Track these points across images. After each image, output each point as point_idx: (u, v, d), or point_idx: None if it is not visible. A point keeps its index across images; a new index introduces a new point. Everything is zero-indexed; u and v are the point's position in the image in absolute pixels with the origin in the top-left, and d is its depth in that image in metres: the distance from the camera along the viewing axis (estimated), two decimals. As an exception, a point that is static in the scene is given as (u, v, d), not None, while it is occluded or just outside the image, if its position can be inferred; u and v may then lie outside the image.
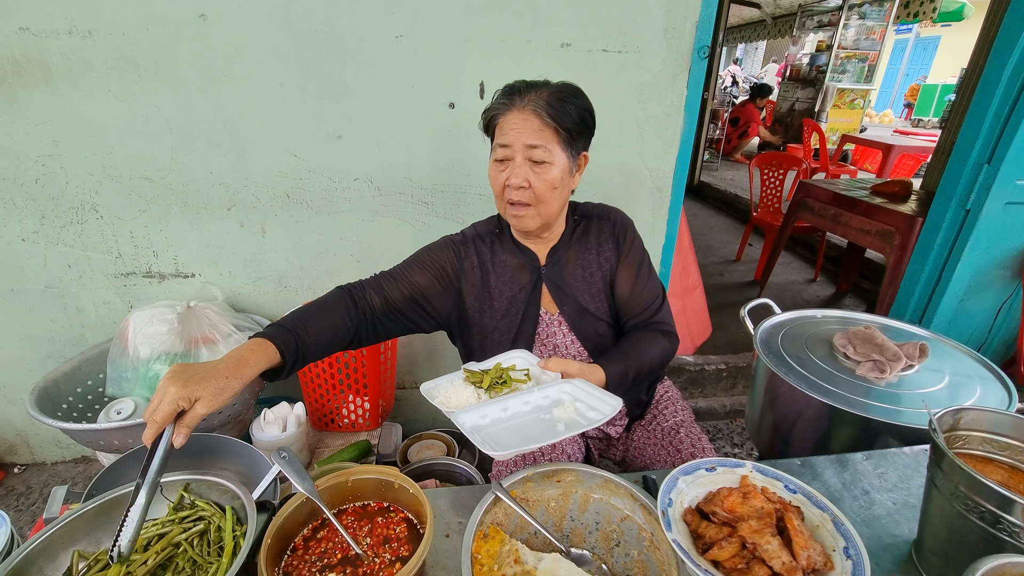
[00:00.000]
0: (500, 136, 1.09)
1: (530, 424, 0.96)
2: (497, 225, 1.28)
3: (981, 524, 0.73)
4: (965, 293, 2.28)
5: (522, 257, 1.24)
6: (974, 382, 1.35)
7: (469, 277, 1.23)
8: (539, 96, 1.06)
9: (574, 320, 1.26)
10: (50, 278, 1.77)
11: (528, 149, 1.06)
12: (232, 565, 0.75)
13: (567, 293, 1.25)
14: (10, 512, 1.90)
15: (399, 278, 1.18)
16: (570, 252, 1.26)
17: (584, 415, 0.96)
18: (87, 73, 1.53)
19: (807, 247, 4.68)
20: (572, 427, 0.93)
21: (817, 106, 8.21)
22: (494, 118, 1.10)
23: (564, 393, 1.01)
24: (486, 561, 0.82)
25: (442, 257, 1.22)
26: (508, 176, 1.09)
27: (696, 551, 0.75)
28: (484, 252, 1.24)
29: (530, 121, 1.05)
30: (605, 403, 0.96)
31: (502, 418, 0.97)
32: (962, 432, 0.89)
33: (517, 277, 1.24)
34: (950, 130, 2.84)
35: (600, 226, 1.27)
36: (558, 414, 0.97)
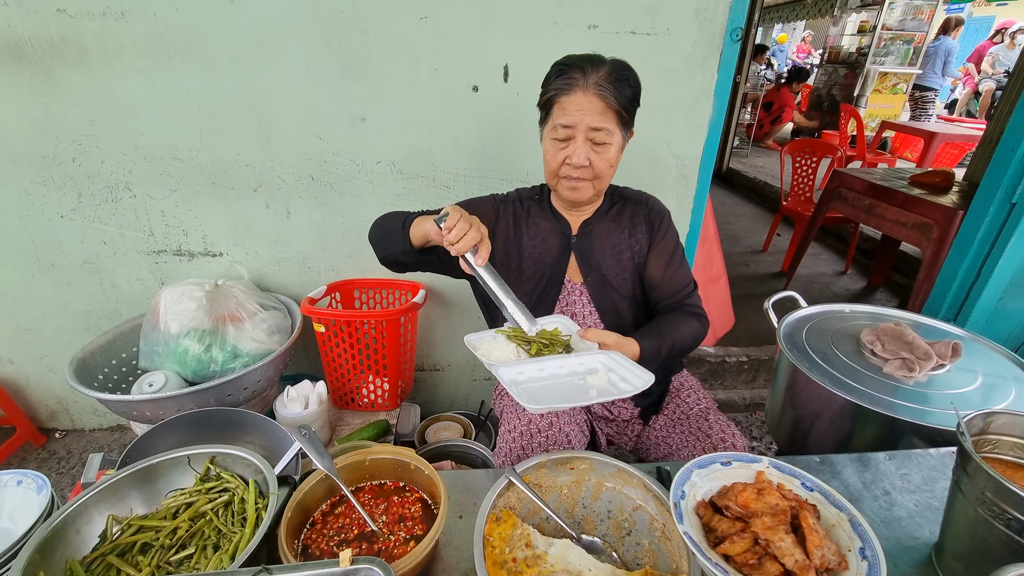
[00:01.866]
0: (562, 115, 1.10)
1: (564, 386, 0.99)
2: (538, 192, 1.33)
3: (1007, 531, 0.71)
4: (1006, 291, 2.18)
5: (555, 223, 1.29)
6: (1009, 384, 1.30)
7: (502, 233, 1.28)
8: (600, 76, 1.07)
9: (596, 291, 1.30)
10: (87, 254, 1.83)
11: (591, 131, 1.09)
12: (254, 536, 0.78)
13: (592, 265, 1.29)
14: (52, 475, 2.03)
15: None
16: (602, 227, 1.30)
17: (616, 385, 0.98)
18: (120, 54, 1.56)
19: (838, 238, 4.53)
20: (603, 394, 0.96)
21: (856, 90, 7.87)
22: (556, 95, 1.11)
23: (599, 363, 1.03)
24: (498, 544, 0.83)
25: (480, 209, 1.26)
26: (569, 155, 1.12)
27: (708, 545, 0.75)
28: (520, 214, 1.29)
29: (594, 103, 1.07)
30: (638, 376, 0.98)
31: (538, 377, 1.00)
32: (992, 436, 0.86)
33: (548, 242, 1.28)
34: (999, 119, 2.69)
35: (636, 209, 1.32)
36: (591, 381, 0.99)
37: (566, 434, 1.21)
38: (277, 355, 1.60)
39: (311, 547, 0.84)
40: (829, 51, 8.58)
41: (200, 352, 1.58)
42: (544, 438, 1.18)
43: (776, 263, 4.09)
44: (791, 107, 7.85)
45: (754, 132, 7.82)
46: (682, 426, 1.32)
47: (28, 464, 2.07)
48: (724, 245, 4.45)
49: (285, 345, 1.64)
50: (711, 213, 2.34)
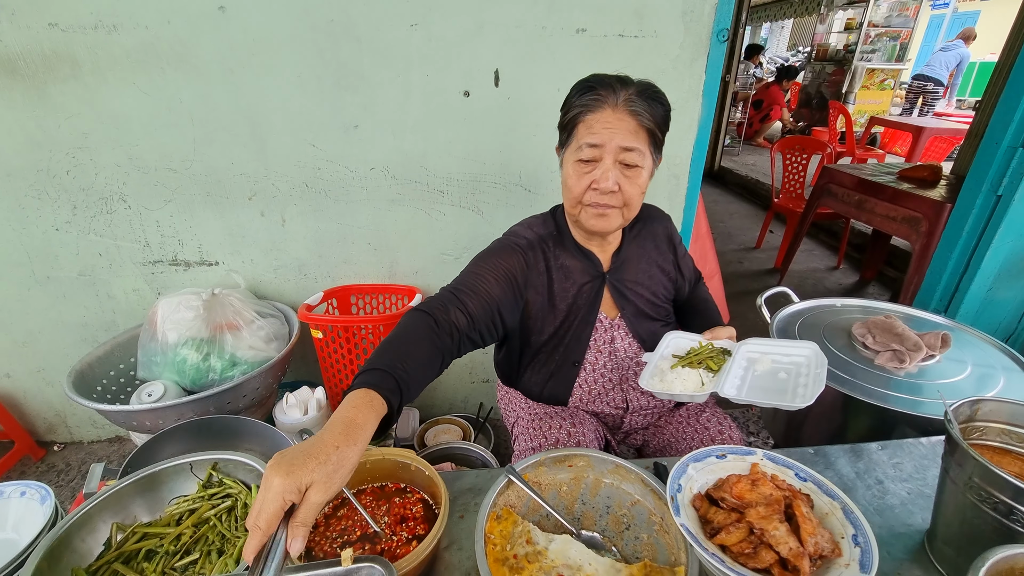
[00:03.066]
0: (588, 134, 1.00)
1: (761, 381, 1.04)
2: (555, 227, 1.19)
3: (994, 515, 0.73)
4: (994, 282, 2.21)
5: (584, 261, 1.18)
6: (998, 373, 1.33)
7: (535, 284, 1.15)
8: (630, 92, 1.00)
9: (633, 323, 1.24)
10: (82, 266, 1.84)
11: (621, 152, 1.00)
12: (257, 540, 0.79)
13: (628, 298, 1.22)
14: (52, 487, 2.02)
15: (478, 291, 1.07)
16: (630, 254, 1.23)
17: (791, 363, 1.05)
18: (113, 67, 1.57)
19: (830, 234, 4.57)
20: (801, 378, 1.01)
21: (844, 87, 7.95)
22: (581, 114, 1.01)
23: (750, 353, 1.09)
24: (499, 541, 0.84)
25: (512, 265, 1.12)
26: (595, 178, 1.01)
27: (704, 536, 0.76)
28: (548, 257, 1.16)
29: (625, 121, 0.99)
30: (795, 348, 1.06)
31: (742, 384, 1.03)
32: (979, 423, 0.88)
33: (579, 282, 1.18)
34: (984, 112, 2.74)
35: (654, 228, 1.27)
36: (763, 368, 1.05)
37: (585, 446, 1.21)
38: (275, 362, 1.61)
39: (314, 549, 0.84)
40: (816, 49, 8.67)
41: (198, 361, 1.59)
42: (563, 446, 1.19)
43: (769, 260, 4.13)
44: (780, 105, 7.92)
45: (744, 130, 7.88)
46: (680, 419, 1.34)
47: (27, 477, 2.05)
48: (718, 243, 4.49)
49: (283, 352, 1.65)
50: (703, 212, 2.37)
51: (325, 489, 0.65)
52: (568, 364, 1.23)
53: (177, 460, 0.95)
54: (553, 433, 1.19)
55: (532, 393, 1.31)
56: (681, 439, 1.30)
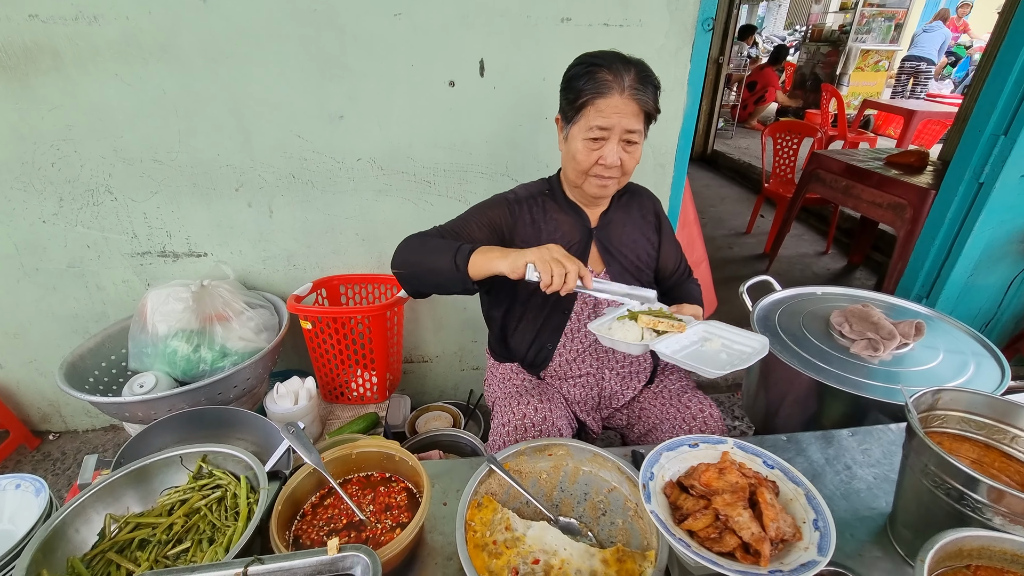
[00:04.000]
0: (598, 117, 1.11)
1: (702, 354, 1.08)
2: (547, 186, 1.34)
3: (947, 500, 0.77)
4: (975, 268, 2.25)
5: (574, 216, 1.31)
6: (968, 359, 1.37)
7: (522, 234, 1.28)
8: (632, 78, 1.11)
9: (617, 278, 1.34)
10: (71, 258, 1.84)
11: (625, 132, 1.13)
12: (246, 529, 0.82)
13: (613, 255, 1.34)
14: (48, 476, 2.06)
15: (462, 235, 1.22)
16: (617, 217, 1.36)
17: (738, 352, 1.08)
18: (94, 58, 1.55)
19: (820, 218, 4.60)
20: (734, 359, 1.05)
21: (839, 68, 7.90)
22: (593, 98, 1.11)
23: (706, 332, 1.14)
24: (479, 528, 0.88)
25: (496, 214, 1.27)
26: (602, 155, 1.15)
27: (673, 521, 0.80)
28: (536, 210, 1.30)
29: (630, 106, 1.11)
30: (749, 338, 1.09)
31: (679, 349, 1.08)
32: (940, 412, 0.92)
33: (568, 235, 1.31)
34: (972, 97, 2.75)
35: (641, 201, 1.41)
36: (711, 348, 1.09)
37: (558, 428, 1.25)
38: (265, 353, 1.63)
39: (302, 537, 0.88)
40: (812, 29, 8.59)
41: (189, 352, 1.60)
42: (537, 432, 1.23)
43: (759, 245, 4.16)
44: (775, 86, 7.87)
45: (738, 113, 7.84)
46: (663, 401, 1.37)
47: (23, 467, 2.10)
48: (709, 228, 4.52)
49: (273, 343, 1.67)
50: (690, 199, 2.38)
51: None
52: (558, 312, 1.33)
53: (167, 453, 0.97)
54: (521, 408, 1.25)
55: (520, 352, 1.39)
56: (664, 420, 1.34)
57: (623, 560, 0.83)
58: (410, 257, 1.17)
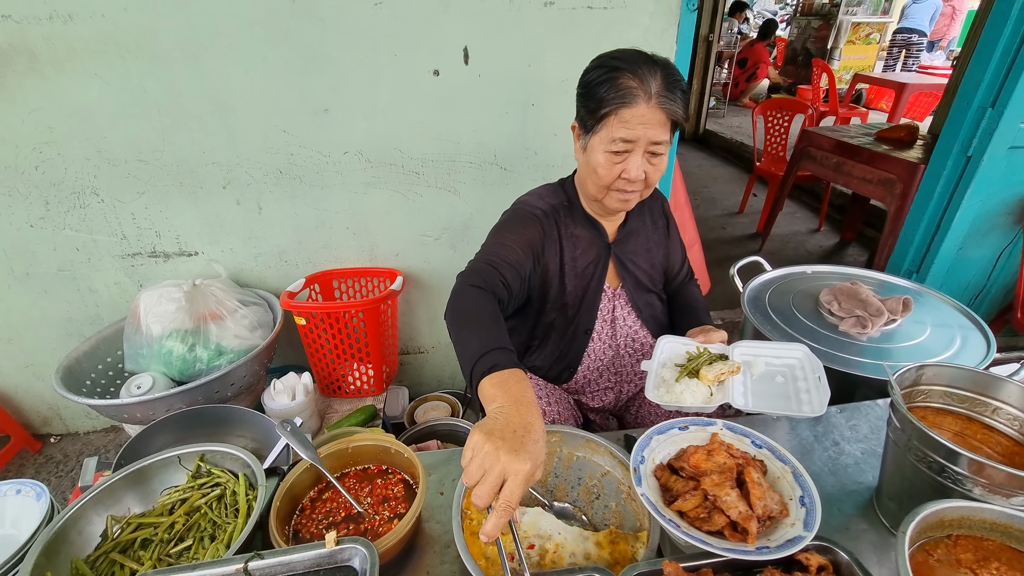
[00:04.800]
0: (622, 129, 1.00)
1: (761, 386, 1.08)
2: (566, 198, 1.24)
3: (930, 473, 0.79)
4: (964, 241, 2.27)
5: (592, 231, 1.23)
6: (955, 334, 1.39)
7: (549, 252, 1.20)
8: (659, 84, 0.99)
9: (633, 294, 1.30)
10: (61, 261, 1.83)
11: (651, 144, 1.02)
12: (246, 525, 0.84)
13: (629, 269, 1.29)
14: (51, 479, 2.07)
15: (511, 263, 1.10)
16: (633, 227, 1.29)
17: (784, 364, 1.11)
18: (72, 58, 1.53)
19: (813, 195, 4.60)
20: (791, 380, 1.08)
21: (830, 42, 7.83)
22: (617, 108, 0.99)
23: (743, 355, 1.12)
24: (475, 515, 0.90)
25: (533, 234, 1.17)
26: (625, 169, 1.04)
27: (664, 503, 0.82)
28: (561, 226, 1.21)
29: (657, 115, 1.00)
30: (786, 350, 1.12)
31: (746, 391, 1.06)
32: (924, 387, 0.94)
33: (588, 251, 1.23)
34: (960, 69, 2.74)
35: (652, 205, 1.33)
36: (757, 371, 1.09)
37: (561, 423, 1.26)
38: (260, 350, 1.64)
39: (301, 531, 0.90)
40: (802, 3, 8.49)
41: (184, 352, 1.61)
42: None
43: (752, 224, 4.16)
44: (766, 63, 7.80)
45: (730, 91, 7.78)
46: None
47: (26, 470, 2.11)
48: (701, 209, 4.52)
49: (268, 339, 1.68)
50: (680, 181, 2.38)
51: (541, 472, 0.71)
52: (580, 333, 1.28)
53: (165, 454, 0.98)
54: None
55: (541, 370, 1.35)
56: (652, 408, 1.36)
57: (616, 542, 0.85)
58: (451, 320, 0.98)
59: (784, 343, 1.14)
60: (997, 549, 0.72)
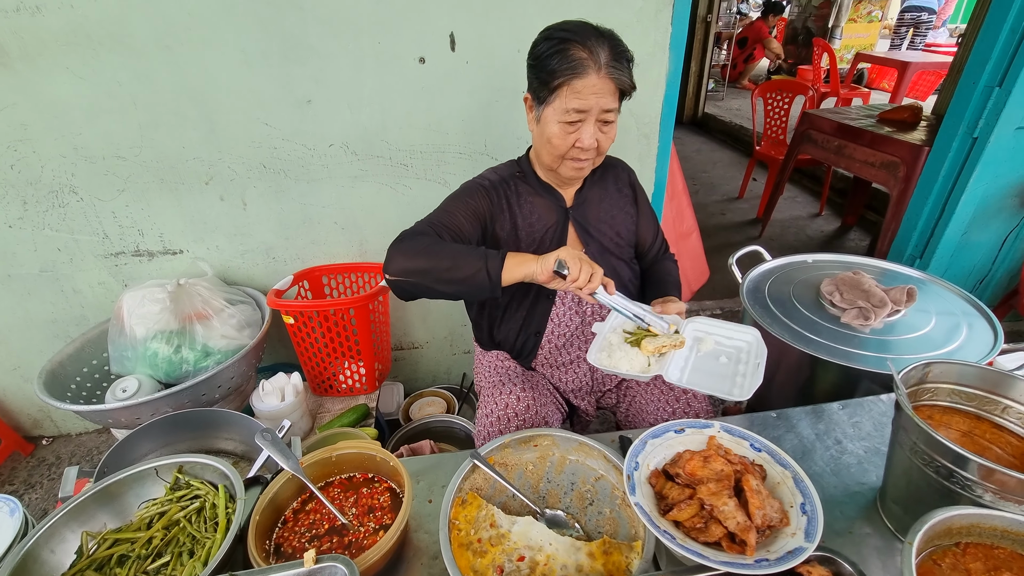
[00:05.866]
0: (575, 99, 1.04)
1: (704, 363, 1.06)
2: (518, 168, 1.28)
3: (936, 477, 0.75)
4: (969, 225, 2.21)
5: (548, 197, 1.26)
6: (961, 323, 1.35)
7: (499, 219, 1.23)
8: (607, 54, 1.03)
9: (597, 259, 1.29)
10: (43, 262, 1.79)
11: (603, 112, 1.07)
12: (224, 539, 0.80)
13: (591, 234, 1.30)
14: (44, 481, 2.05)
15: (450, 226, 1.15)
16: (592, 194, 1.31)
17: (733, 346, 1.10)
18: (42, 51, 1.47)
19: (814, 179, 4.53)
20: (734, 361, 1.06)
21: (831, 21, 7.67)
22: (568, 79, 1.03)
23: (696, 332, 1.12)
24: (464, 526, 0.87)
25: (478, 203, 1.21)
26: (579, 138, 1.09)
27: (659, 512, 0.78)
28: (511, 194, 1.25)
29: (607, 84, 1.05)
30: (739, 332, 1.10)
31: (684, 366, 1.05)
32: (930, 385, 0.90)
33: (544, 217, 1.26)
34: (966, 47, 2.65)
35: (615, 173, 1.35)
36: (706, 349, 1.09)
37: (543, 416, 1.23)
38: (249, 350, 1.60)
39: (283, 545, 0.86)
40: (803, -19, 8.28)
41: (170, 354, 1.57)
42: (521, 421, 1.21)
43: (752, 209, 4.10)
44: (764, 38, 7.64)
45: (729, 72, 7.65)
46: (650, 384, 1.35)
47: (18, 473, 2.09)
48: (701, 194, 4.45)
49: (256, 339, 1.64)
50: (678, 168, 2.32)
51: None
52: (543, 299, 1.29)
53: (142, 466, 0.95)
54: (504, 398, 1.23)
55: (508, 343, 1.36)
56: (650, 401, 1.33)
57: (609, 552, 0.81)
58: (420, 263, 1.04)
59: (739, 325, 1.12)
60: (1008, 558, 0.69)
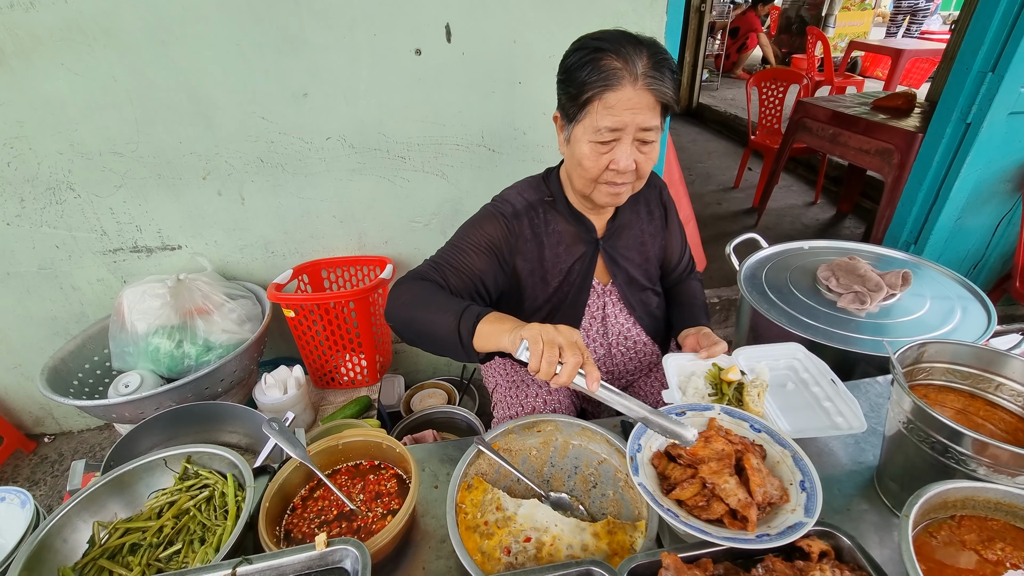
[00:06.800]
0: (609, 117, 0.92)
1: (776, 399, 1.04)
2: (548, 192, 1.16)
3: (932, 453, 0.77)
4: (963, 211, 2.23)
5: (578, 227, 1.16)
6: (955, 306, 1.37)
7: (523, 252, 1.14)
8: (645, 64, 0.91)
9: (624, 291, 1.24)
10: (41, 260, 1.79)
11: (640, 131, 0.95)
12: (235, 527, 0.82)
13: (620, 265, 1.22)
14: (47, 478, 2.06)
15: (458, 267, 1.07)
16: (625, 220, 1.21)
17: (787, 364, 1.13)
18: (37, 48, 1.46)
19: (809, 168, 4.55)
20: (797, 382, 1.08)
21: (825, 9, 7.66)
22: (600, 92, 0.91)
23: (749, 364, 1.10)
24: (470, 510, 0.88)
25: (495, 235, 1.11)
26: (613, 159, 0.97)
27: (662, 491, 0.80)
28: (537, 224, 1.13)
29: (645, 98, 0.92)
30: (779, 349, 1.13)
31: (779, 413, 1.00)
32: (925, 364, 0.92)
33: (573, 248, 1.16)
34: (959, 33, 2.67)
35: (648, 193, 1.24)
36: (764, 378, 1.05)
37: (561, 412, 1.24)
38: (250, 343, 1.61)
39: (293, 531, 0.88)
40: (796, -31, 8.26)
41: (172, 348, 1.58)
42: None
43: (748, 199, 4.11)
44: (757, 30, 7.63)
45: (723, 62, 7.64)
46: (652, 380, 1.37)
47: (21, 471, 2.10)
48: (697, 184, 4.46)
49: (257, 332, 1.65)
50: (674, 158, 2.33)
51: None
52: (571, 322, 1.23)
53: (150, 457, 0.96)
54: (530, 401, 1.22)
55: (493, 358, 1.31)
56: (651, 386, 1.34)
57: (614, 532, 0.83)
58: (405, 313, 0.98)
59: (779, 345, 1.11)
60: (1002, 529, 0.71)
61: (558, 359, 0.77)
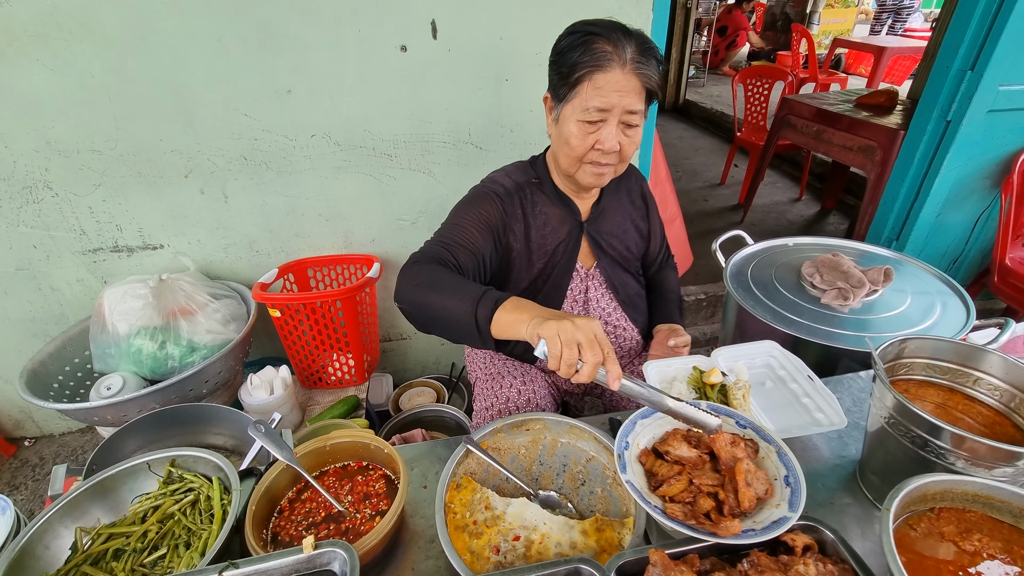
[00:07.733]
0: (597, 97, 0.97)
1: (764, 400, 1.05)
2: (535, 175, 1.20)
3: (913, 447, 0.78)
4: (943, 207, 2.27)
5: (564, 209, 1.20)
6: (935, 301, 1.39)
7: (514, 231, 1.17)
8: (633, 50, 0.97)
9: (608, 274, 1.27)
10: (18, 260, 1.74)
11: (626, 114, 1.00)
12: (221, 531, 0.81)
13: (604, 249, 1.26)
14: (28, 482, 2.02)
15: (465, 245, 1.08)
16: (608, 205, 1.25)
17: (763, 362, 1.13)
18: (11, 43, 1.42)
19: (794, 165, 4.60)
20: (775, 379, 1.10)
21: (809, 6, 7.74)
22: (590, 72, 0.96)
23: (727, 364, 1.10)
24: (459, 509, 0.88)
25: (492, 214, 1.13)
26: (599, 139, 1.02)
27: (649, 489, 0.81)
28: (526, 203, 1.17)
29: (632, 82, 0.97)
30: (754, 347, 1.13)
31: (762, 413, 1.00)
32: (906, 360, 0.93)
33: (557, 230, 1.20)
34: (939, 31, 2.71)
35: (629, 184, 1.30)
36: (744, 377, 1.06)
37: (542, 409, 1.25)
38: (235, 344, 1.59)
39: (280, 534, 0.87)
40: (781, -34, 8.33)
41: (155, 350, 1.55)
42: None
43: (734, 195, 4.15)
44: (746, 28, 7.70)
45: (710, 59, 7.69)
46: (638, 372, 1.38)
47: (1, 475, 2.05)
48: (683, 181, 4.49)
49: (242, 333, 1.63)
50: (661, 155, 2.34)
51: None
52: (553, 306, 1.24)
53: (133, 461, 0.94)
54: (504, 392, 1.23)
55: (507, 346, 1.34)
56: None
57: (602, 529, 0.84)
58: (417, 297, 0.95)
59: (753, 344, 1.13)
60: (979, 520, 0.73)
61: (578, 358, 0.75)
